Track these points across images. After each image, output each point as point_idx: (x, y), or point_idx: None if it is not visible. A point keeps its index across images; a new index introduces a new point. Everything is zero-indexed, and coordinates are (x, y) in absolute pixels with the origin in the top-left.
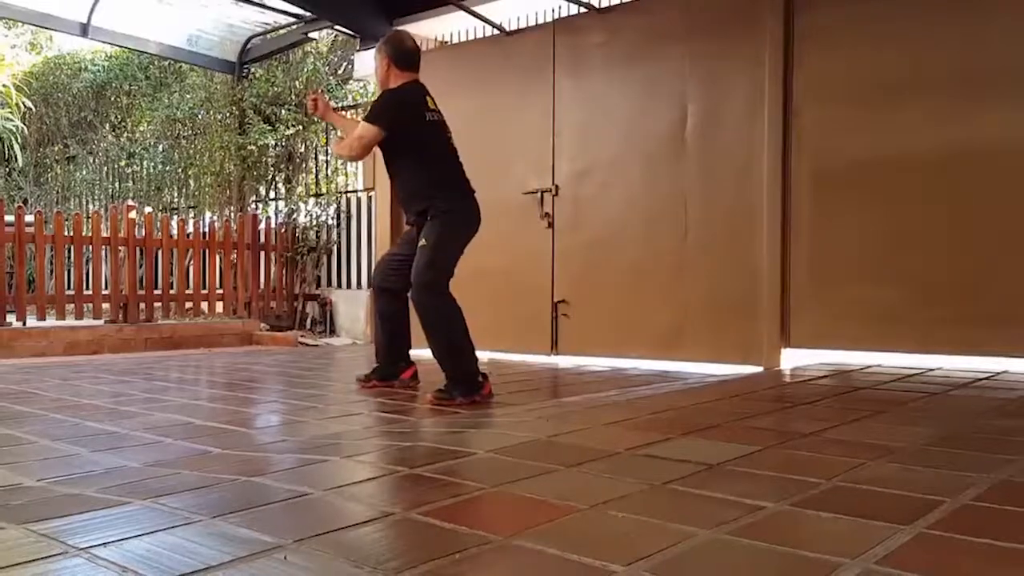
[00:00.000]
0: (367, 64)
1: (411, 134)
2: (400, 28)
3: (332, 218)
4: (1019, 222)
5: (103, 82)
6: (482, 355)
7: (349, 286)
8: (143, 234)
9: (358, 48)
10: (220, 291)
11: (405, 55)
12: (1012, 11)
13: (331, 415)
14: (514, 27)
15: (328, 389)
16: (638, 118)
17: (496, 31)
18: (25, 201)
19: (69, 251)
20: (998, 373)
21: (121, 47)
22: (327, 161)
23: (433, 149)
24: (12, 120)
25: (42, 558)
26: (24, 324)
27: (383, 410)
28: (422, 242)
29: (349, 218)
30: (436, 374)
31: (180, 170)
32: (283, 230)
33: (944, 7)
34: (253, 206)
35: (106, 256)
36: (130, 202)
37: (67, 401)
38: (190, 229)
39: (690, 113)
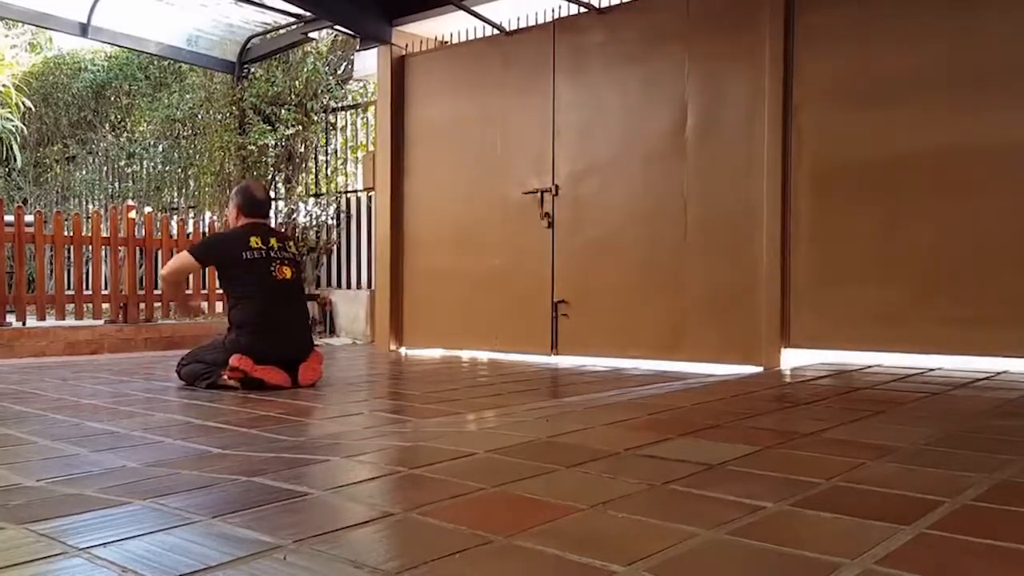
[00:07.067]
0: (367, 64)
1: (225, 268)
2: (254, 181)
3: (332, 218)
4: (1019, 222)
5: (103, 82)
6: (482, 355)
7: (349, 286)
8: (143, 234)
9: (358, 48)
10: (220, 291)
11: (253, 203)
12: (1013, 10)
13: (331, 415)
14: (514, 27)
15: (327, 389)
16: (638, 118)
17: (496, 31)
18: (25, 201)
19: (69, 251)
20: (998, 373)
21: (121, 47)
22: (327, 161)
23: (244, 284)
24: (12, 120)
25: (42, 558)
26: (24, 324)
27: (383, 410)
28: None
29: (349, 218)
30: None
31: (180, 170)
32: (283, 230)
33: (944, 6)
34: None
35: (106, 256)
36: (130, 202)
37: (67, 401)
38: (190, 229)
39: (690, 113)
